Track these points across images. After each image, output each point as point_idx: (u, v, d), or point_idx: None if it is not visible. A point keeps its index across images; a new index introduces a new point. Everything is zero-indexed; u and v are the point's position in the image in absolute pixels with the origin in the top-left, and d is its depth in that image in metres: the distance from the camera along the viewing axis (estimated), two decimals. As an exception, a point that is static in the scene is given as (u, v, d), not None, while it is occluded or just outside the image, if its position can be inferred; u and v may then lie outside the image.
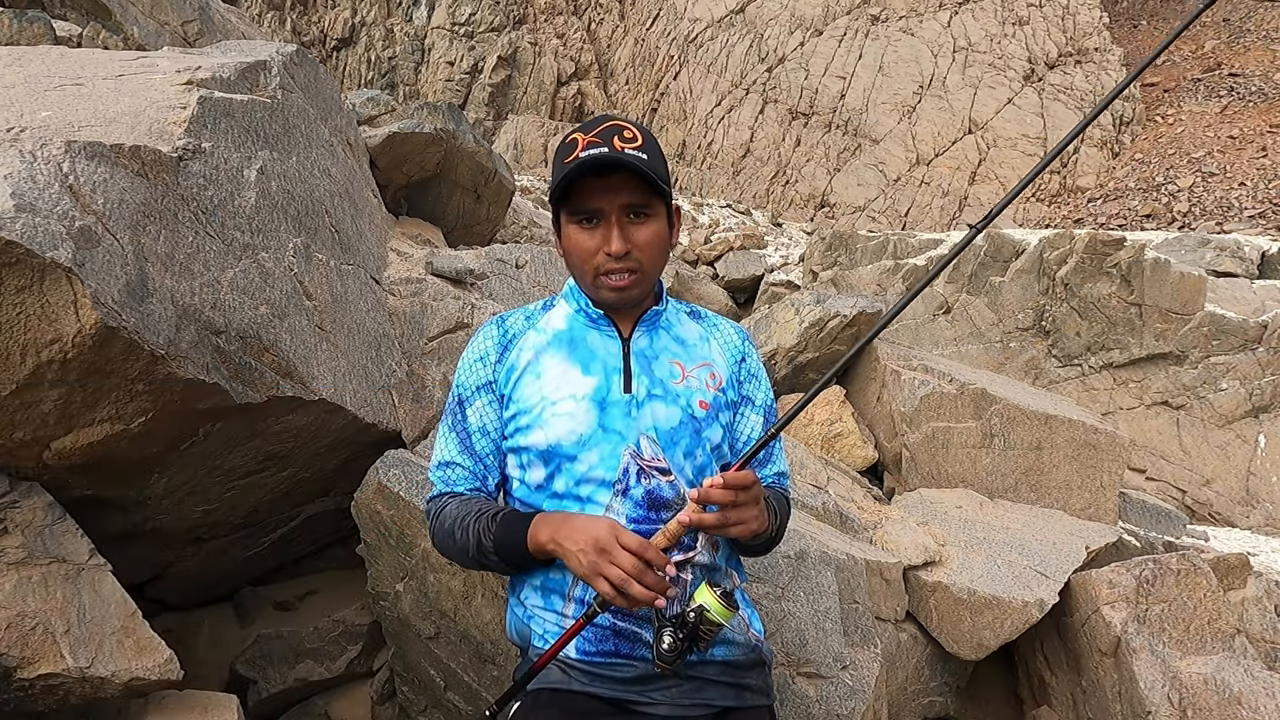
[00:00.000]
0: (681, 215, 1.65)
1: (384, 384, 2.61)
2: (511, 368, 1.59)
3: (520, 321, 1.66)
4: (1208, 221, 19.44)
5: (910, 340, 8.82)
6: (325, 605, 2.83)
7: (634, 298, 1.54)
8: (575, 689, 1.49)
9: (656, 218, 1.51)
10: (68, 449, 1.81)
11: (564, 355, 1.58)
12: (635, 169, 1.42)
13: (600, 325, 1.60)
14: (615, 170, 1.43)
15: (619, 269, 1.48)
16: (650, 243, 1.50)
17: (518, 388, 1.57)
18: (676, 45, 29.85)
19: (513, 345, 1.62)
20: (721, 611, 1.36)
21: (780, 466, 1.72)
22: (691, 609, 1.37)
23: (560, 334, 1.61)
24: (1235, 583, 3.34)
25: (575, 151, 1.44)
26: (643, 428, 1.52)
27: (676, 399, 1.55)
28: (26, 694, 1.70)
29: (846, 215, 24.18)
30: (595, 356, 1.57)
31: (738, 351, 1.69)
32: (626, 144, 1.44)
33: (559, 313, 1.65)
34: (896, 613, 2.86)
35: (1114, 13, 29.99)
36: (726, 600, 1.36)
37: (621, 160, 1.42)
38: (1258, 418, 7.44)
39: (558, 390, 1.54)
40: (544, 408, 1.53)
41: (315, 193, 2.56)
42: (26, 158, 1.67)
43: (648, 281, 1.54)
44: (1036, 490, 3.66)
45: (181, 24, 6.37)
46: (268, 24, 32.73)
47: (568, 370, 1.56)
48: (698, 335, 1.67)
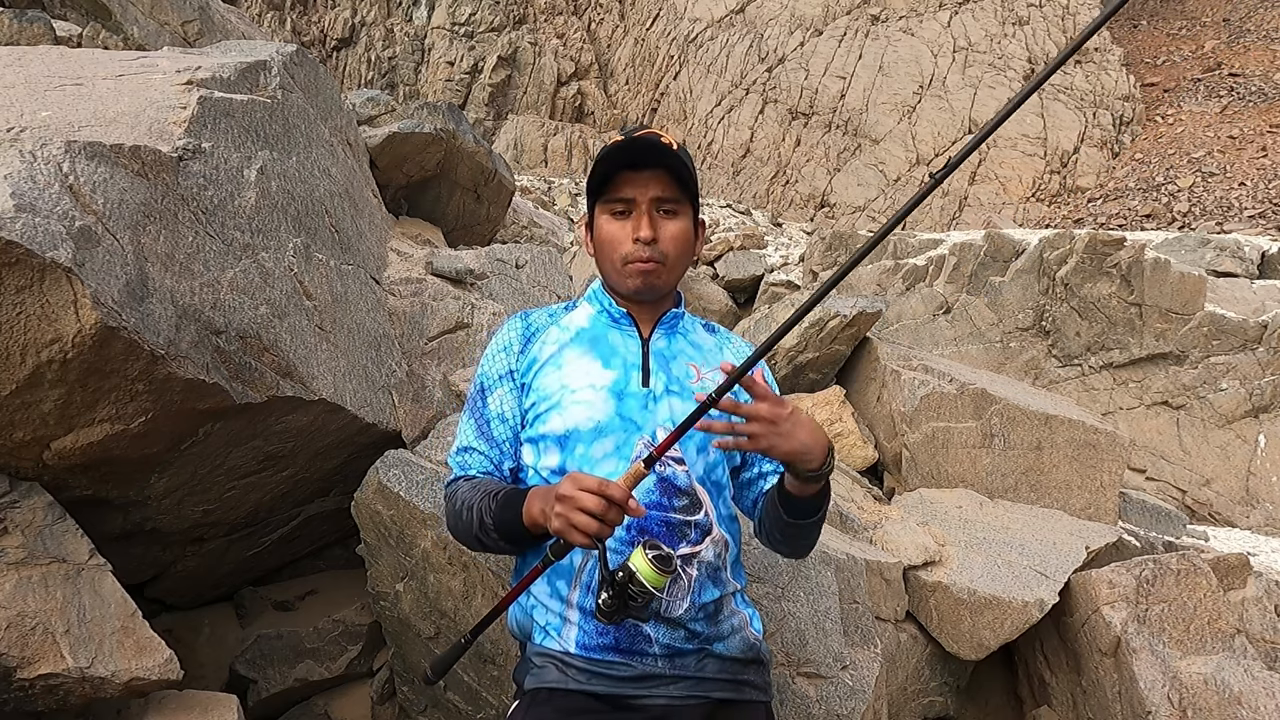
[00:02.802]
0: (705, 230, 1.71)
1: (384, 384, 2.61)
2: (534, 359, 1.65)
3: (543, 318, 1.72)
4: (1208, 221, 19.45)
5: (910, 340, 8.82)
6: (325, 605, 2.83)
7: (657, 288, 1.60)
8: (572, 687, 1.50)
9: (684, 217, 1.59)
10: (68, 449, 1.81)
11: (585, 350, 1.63)
12: (668, 164, 1.53)
13: (621, 325, 1.66)
14: (651, 164, 1.53)
15: (645, 256, 1.55)
16: (676, 238, 1.58)
17: (538, 377, 1.62)
18: (676, 45, 29.85)
19: (535, 338, 1.68)
20: (650, 576, 1.30)
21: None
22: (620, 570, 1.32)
23: (583, 331, 1.66)
24: (1235, 583, 3.34)
25: (615, 147, 1.55)
26: (659, 421, 1.56)
27: (692, 395, 1.59)
28: (26, 694, 1.70)
29: (846, 215, 24.18)
30: (616, 353, 1.62)
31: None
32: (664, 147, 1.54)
33: (582, 313, 1.71)
34: (896, 613, 2.86)
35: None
36: (661, 564, 1.31)
37: (660, 148, 1.52)
38: (1258, 418, 7.44)
39: (577, 380, 1.58)
40: (563, 395, 1.57)
41: (315, 193, 2.56)
42: (26, 158, 1.67)
43: (671, 276, 1.61)
44: (1036, 490, 3.66)
45: (181, 24, 6.37)
46: (268, 24, 32.74)
47: (589, 363, 1.61)
48: (712, 344, 1.74)
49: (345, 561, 3.00)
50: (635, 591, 1.31)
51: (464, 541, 1.62)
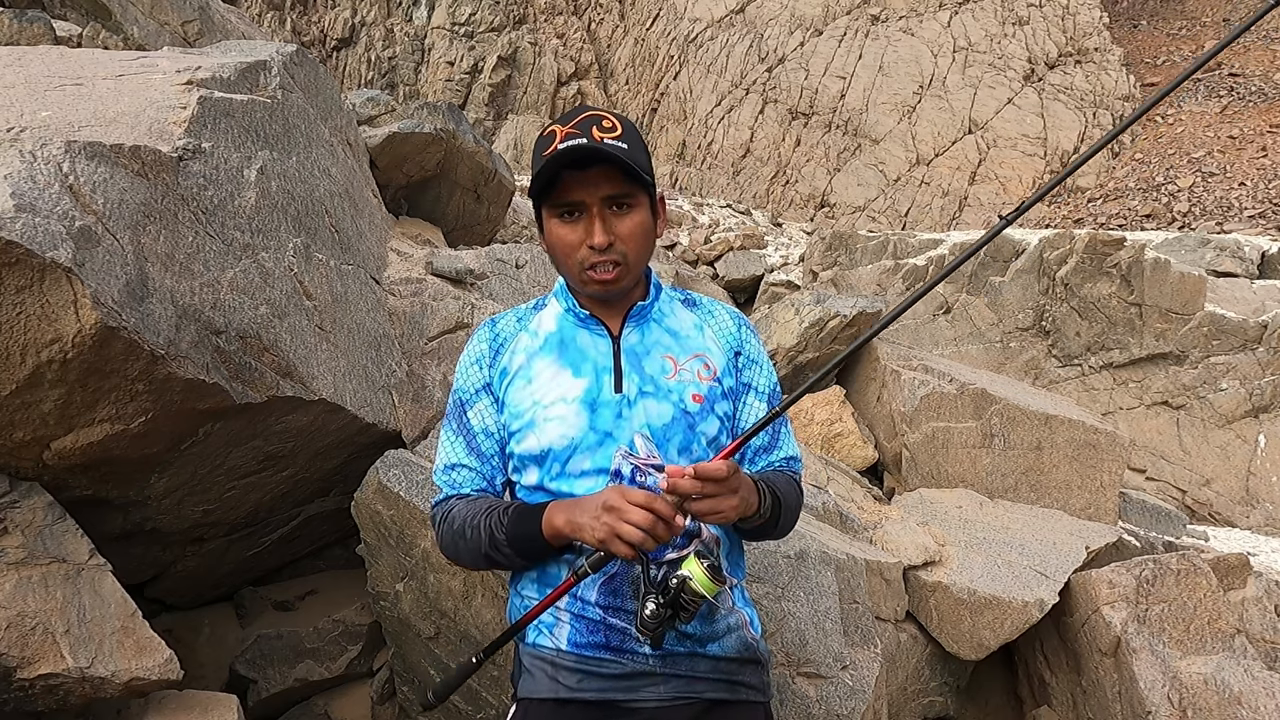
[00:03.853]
0: (666, 203, 1.62)
1: (384, 384, 2.61)
2: (504, 371, 1.59)
3: (511, 324, 1.65)
4: (1208, 221, 19.45)
5: (910, 340, 8.82)
6: (325, 605, 2.83)
7: (621, 290, 1.53)
8: (564, 696, 1.49)
9: (639, 208, 1.49)
10: (68, 449, 1.81)
11: (554, 358, 1.57)
12: (614, 160, 1.40)
13: (589, 325, 1.59)
14: (595, 162, 1.41)
15: (603, 261, 1.46)
16: (633, 233, 1.48)
17: (509, 392, 1.57)
18: (676, 45, 29.86)
19: (504, 348, 1.61)
20: (706, 584, 1.33)
21: (788, 451, 1.69)
22: (675, 577, 1.35)
23: (551, 336, 1.60)
24: (1235, 583, 3.34)
25: (554, 144, 1.42)
26: (635, 426, 1.51)
27: (668, 395, 1.54)
28: (26, 694, 1.70)
29: (846, 215, 24.18)
30: (586, 357, 1.56)
31: (734, 339, 1.66)
32: (605, 134, 1.42)
33: (550, 312, 1.64)
34: (896, 613, 2.86)
35: (1114, 13, 30.00)
36: (713, 573, 1.34)
37: (600, 151, 1.39)
38: (1258, 418, 7.44)
39: (548, 394, 1.53)
40: (535, 412, 1.52)
41: (315, 193, 2.56)
42: (26, 158, 1.67)
43: (633, 273, 1.52)
44: (1036, 490, 3.66)
45: (181, 24, 6.37)
46: (268, 24, 32.74)
47: (558, 373, 1.55)
48: (691, 325, 1.65)
49: (345, 561, 3.00)
50: (688, 600, 1.34)
51: (467, 561, 1.58)
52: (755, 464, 1.66)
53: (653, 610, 1.35)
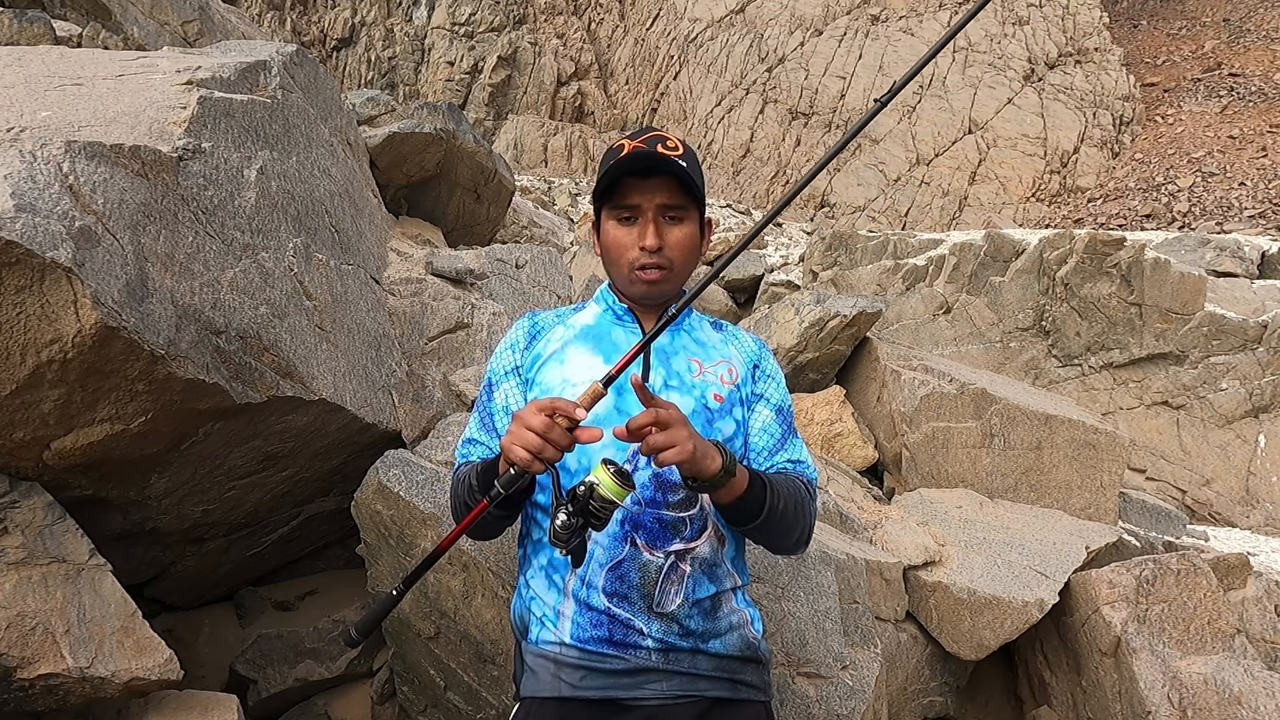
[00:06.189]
0: (713, 227, 1.72)
1: (384, 384, 2.61)
2: (538, 355, 1.68)
3: (550, 318, 1.76)
4: (1208, 221, 19.45)
5: (910, 340, 8.82)
6: (325, 605, 2.83)
7: (664, 293, 1.63)
8: (566, 694, 1.50)
9: (689, 222, 1.60)
10: (68, 449, 1.81)
11: (588, 347, 1.66)
12: (673, 170, 1.54)
13: (625, 321, 1.69)
14: (656, 172, 1.54)
15: (652, 263, 1.57)
16: (681, 244, 1.59)
17: (541, 371, 1.65)
18: (676, 45, 29.86)
19: (541, 335, 1.72)
20: (613, 488, 1.31)
21: (794, 454, 1.71)
22: (582, 484, 1.33)
23: (587, 328, 1.70)
24: (1235, 583, 3.34)
25: (621, 155, 1.57)
26: None
27: (691, 390, 1.61)
28: (26, 694, 1.70)
29: (846, 215, 24.19)
30: (617, 349, 1.64)
31: (754, 355, 1.76)
32: (669, 151, 1.56)
33: (589, 312, 1.75)
34: (896, 613, 2.86)
35: (1114, 13, 30.02)
36: (621, 478, 1.32)
37: (663, 161, 1.53)
38: (1258, 418, 7.44)
39: (579, 374, 1.61)
40: (565, 388, 1.59)
41: (315, 193, 2.56)
42: (26, 158, 1.67)
43: (677, 280, 1.63)
44: (1036, 490, 3.66)
45: (181, 24, 6.37)
46: (268, 24, 32.74)
47: (590, 358, 1.63)
48: (717, 340, 1.75)
49: (345, 561, 3.00)
50: (596, 506, 1.31)
51: (456, 516, 1.63)
52: (760, 465, 1.67)
53: (564, 521, 1.32)
